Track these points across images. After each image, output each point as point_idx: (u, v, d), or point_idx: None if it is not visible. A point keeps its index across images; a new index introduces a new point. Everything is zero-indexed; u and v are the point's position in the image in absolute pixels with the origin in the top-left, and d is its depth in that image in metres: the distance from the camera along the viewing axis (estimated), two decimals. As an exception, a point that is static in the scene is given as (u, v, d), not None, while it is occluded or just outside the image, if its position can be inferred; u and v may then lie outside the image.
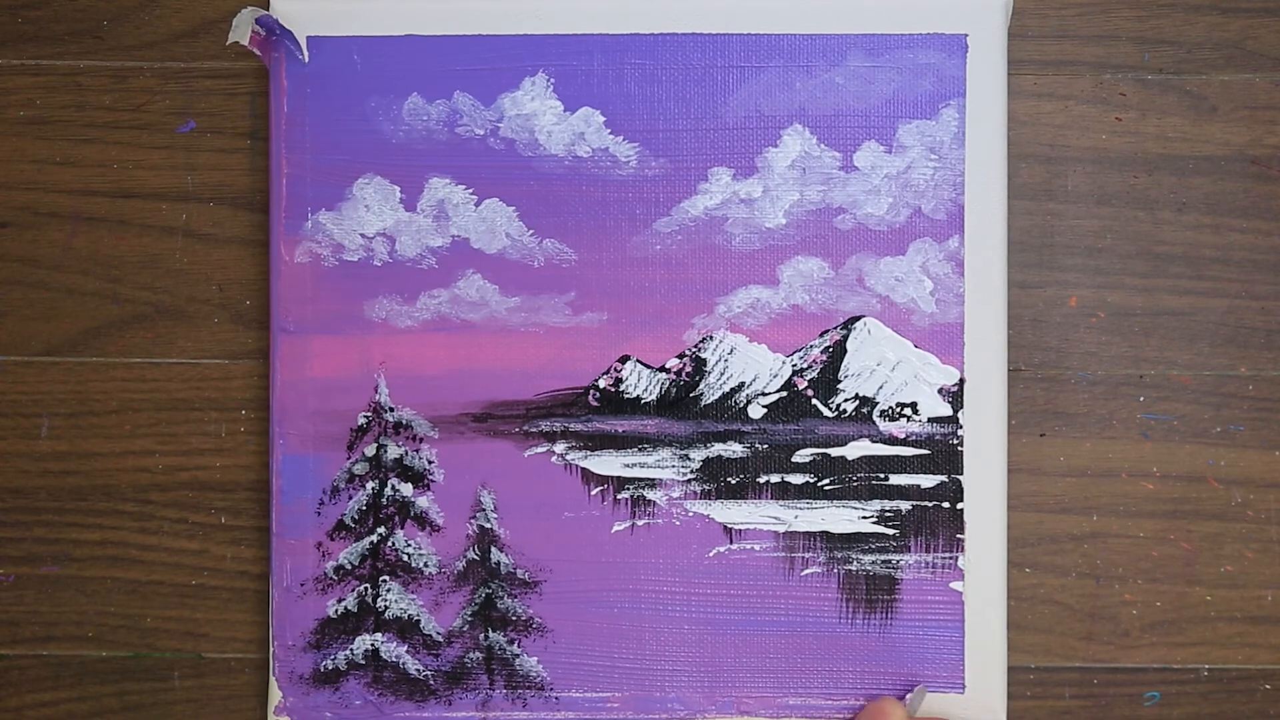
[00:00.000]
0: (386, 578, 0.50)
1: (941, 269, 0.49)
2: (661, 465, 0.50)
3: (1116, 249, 0.51)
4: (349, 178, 0.50)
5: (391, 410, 0.50)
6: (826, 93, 0.50)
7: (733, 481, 0.49)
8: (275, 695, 0.50)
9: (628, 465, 0.50)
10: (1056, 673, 0.51)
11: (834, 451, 0.50)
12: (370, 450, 0.50)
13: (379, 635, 0.50)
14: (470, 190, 0.50)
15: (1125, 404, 0.51)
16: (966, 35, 0.49)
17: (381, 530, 0.50)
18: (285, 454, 0.50)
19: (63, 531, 0.52)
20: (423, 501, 0.50)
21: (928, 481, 0.49)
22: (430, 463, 0.50)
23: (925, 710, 0.49)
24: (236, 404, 0.52)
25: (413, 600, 0.50)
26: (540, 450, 0.50)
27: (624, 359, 0.50)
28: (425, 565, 0.50)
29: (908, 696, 0.49)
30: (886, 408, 0.50)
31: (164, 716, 0.51)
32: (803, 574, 0.49)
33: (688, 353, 0.50)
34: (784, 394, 0.50)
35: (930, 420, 0.49)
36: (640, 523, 0.49)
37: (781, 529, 0.49)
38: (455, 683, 0.50)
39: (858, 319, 0.50)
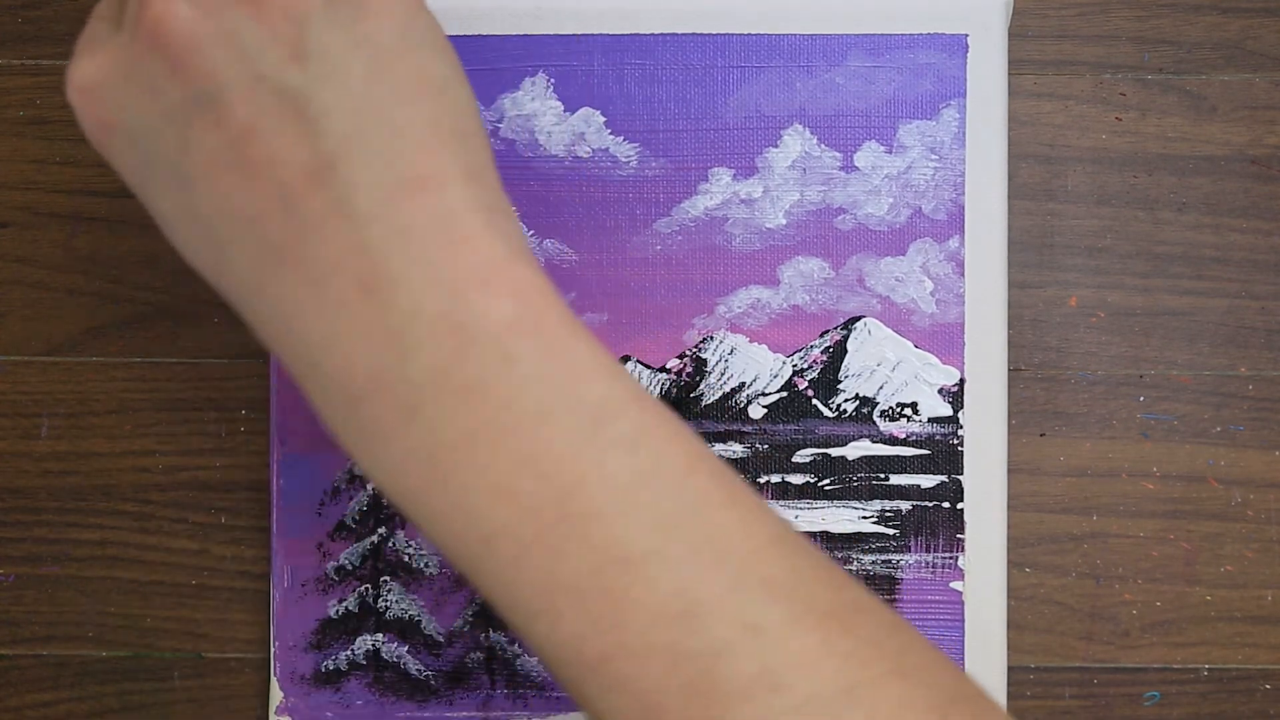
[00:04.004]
0: (387, 578, 0.50)
1: (942, 269, 0.49)
2: (662, 465, 0.50)
3: (1116, 249, 0.51)
4: (349, 178, 0.50)
5: (392, 410, 0.50)
6: (827, 93, 0.50)
7: (733, 482, 0.50)
8: (276, 696, 0.50)
9: (628, 465, 0.50)
10: (1056, 673, 0.51)
11: (834, 452, 0.50)
12: (370, 450, 0.50)
13: (380, 636, 0.50)
14: (470, 190, 0.50)
15: (1125, 404, 0.51)
16: (967, 35, 0.49)
17: (382, 531, 0.50)
18: (285, 454, 0.50)
19: (63, 531, 0.52)
20: (423, 502, 0.50)
21: (928, 481, 0.49)
22: (431, 463, 0.50)
23: None
24: (236, 404, 0.52)
25: (414, 601, 0.50)
26: (541, 451, 0.50)
27: (624, 359, 0.50)
28: (426, 566, 0.50)
29: None
30: (887, 408, 0.50)
31: (164, 716, 0.52)
32: (803, 574, 0.49)
33: (688, 353, 0.50)
34: (784, 394, 0.50)
35: (930, 420, 0.49)
36: (641, 523, 0.49)
37: (782, 529, 0.50)
38: (457, 683, 0.50)
39: (858, 319, 0.50)
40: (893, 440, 0.50)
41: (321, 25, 0.34)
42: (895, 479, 0.50)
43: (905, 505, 0.49)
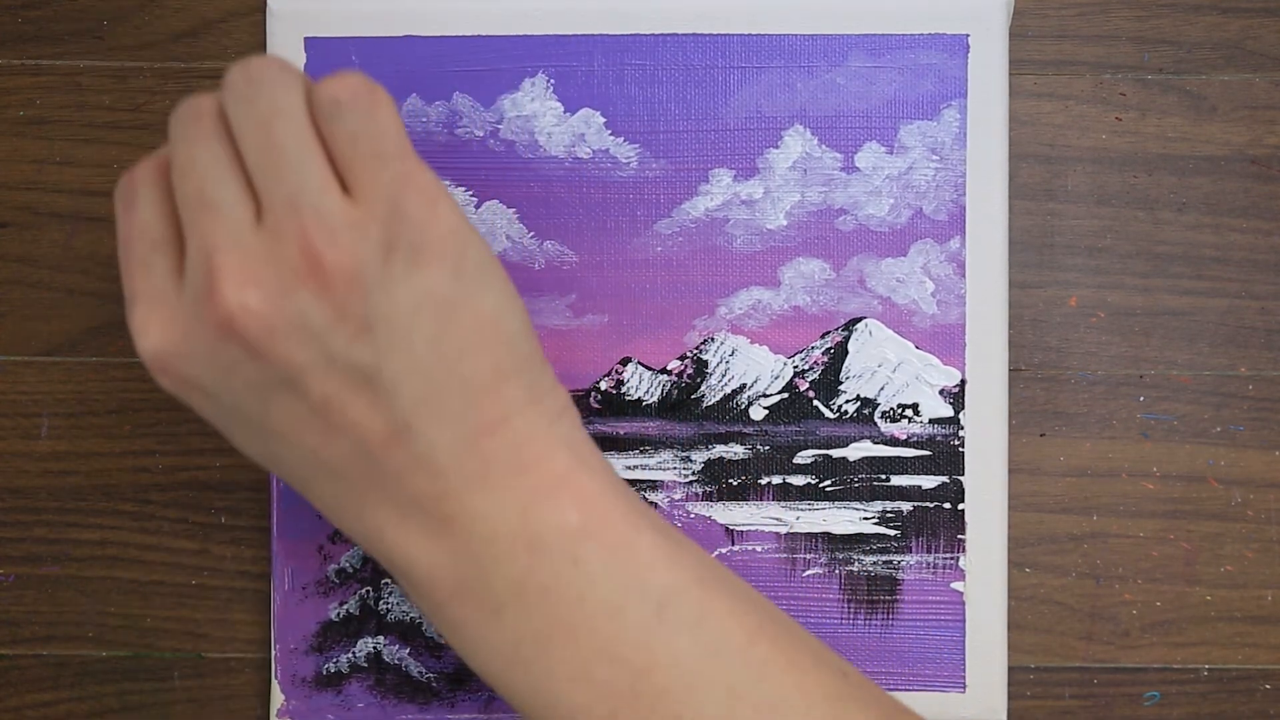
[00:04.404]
0: (388, 580, 0.50)
1: (943, 270, 0.49)
2: (663, 467, 0.50)
3: (1116, 249, 0.51)
4: (349, 179, 0.50)
5: (392, 411, 0.50)
6: (827, 93, 0.50)
7: (734, 483, 0.50)
8: (278, 698, 0.50)
9: (630, 467, 0.50)
10: (1056, 673, 0.51)
11: (835, 453, 0.50)
12: (371, 451, 0.50)
13: (381, 638, 0.50)
14: (470, 192, 0.50)
15: (1125, 404, 0.51)
16: (968, 36, 0.49)
17: (383, 532, 0.50)
18: (286, 455, 0.50)
19: (63, 531, 0.52)
20: (424, 503, 0.50)
21: (929, 482, 0.49)
22: (431, 464, 0.50)
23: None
24: (237, 404, 0.52)
25: (415, 603, 0.50)
26: (542, 452, 0.50)
27: (625, 361, 0.50)
28: (427, 567, 0.50)
29: None
30: (888, 409, 0.50)
31: (164, 716, 0.52)
32: (805, 575, 0.50)
33: (689, 355, 0.50)
34: (785, 395, 0.50)
35: (931, 421, 0.49)
36: (642, 525, 0.49)
37: (783, 530, 0.50)
38: (458, 685, 0.50)
39: (859, 320, 0.50)
40: (894, 441, 0.50)
41: (381, 287, 0.36)
42: (896, 480, 0.50)
43: (906, 506, 0.50)
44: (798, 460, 0.50)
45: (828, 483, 0.50)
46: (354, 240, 0.35)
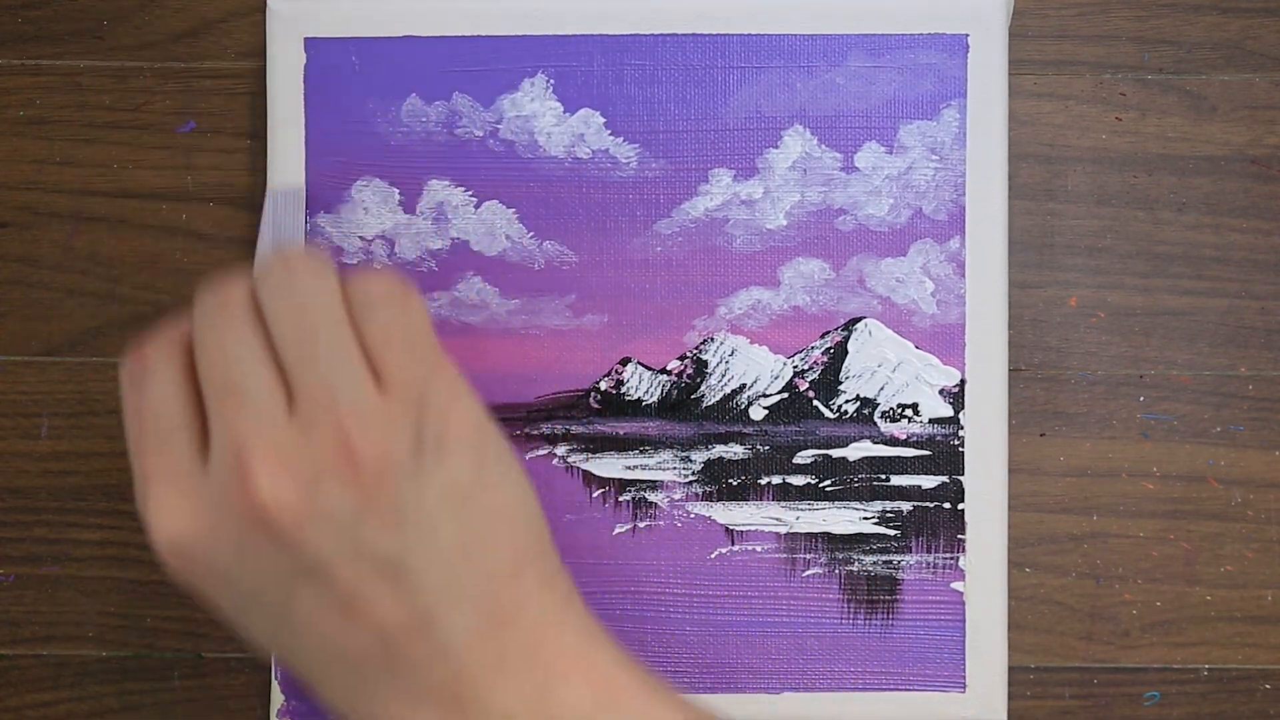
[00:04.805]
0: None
1: (942, 270, 0.49)
2: (663, 467, 0.50)
3: (1116, 249, 0.51)
4: (347, 180, 0.50)
5: (392, 411, 0.50)
6: (827, 93, 0.50)
7: (734, 483, 0.50)
8: (278, 698, 0.50)
9: (629, 467, 0.50)
10: (1056, 673, 0.51)
11: (835, 453, 0.50)
12: (371, 451, 0.50)
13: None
14: (470, 192, 0.50)
15: (1125, 404, 0.51)
16: (967, 35, 0.49)
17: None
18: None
19: (63, 531, 0.52)
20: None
21: (929, 482, 0.49)
22: (431, 464, 0.50)
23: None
24: (236, 404, 0.52)
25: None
26: (541, 453, 0.50)
27: (625, 361, 0.50)
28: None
29: None
30: (888, 409, 0.50)
31: (164, 716, 0.52)
32: (804, 575, 0.50)
33: (689, 355, 0.50)
34: (785, 395, 0.50)
35: (931, 421, 0.49)
36: (642, 525, 0.49)
37: (783, 530, 0.50)
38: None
39: (859, 320, 0.50)
40: (893, 441, 0.50)
41: (410, 478, 0.36)
42: (896, 480, 0.50)
43: (906, 506, 0.49)
44: (798, 460, 0.50)
45: (828, 483, 0.50)
46: (386, 432, 0.36)
